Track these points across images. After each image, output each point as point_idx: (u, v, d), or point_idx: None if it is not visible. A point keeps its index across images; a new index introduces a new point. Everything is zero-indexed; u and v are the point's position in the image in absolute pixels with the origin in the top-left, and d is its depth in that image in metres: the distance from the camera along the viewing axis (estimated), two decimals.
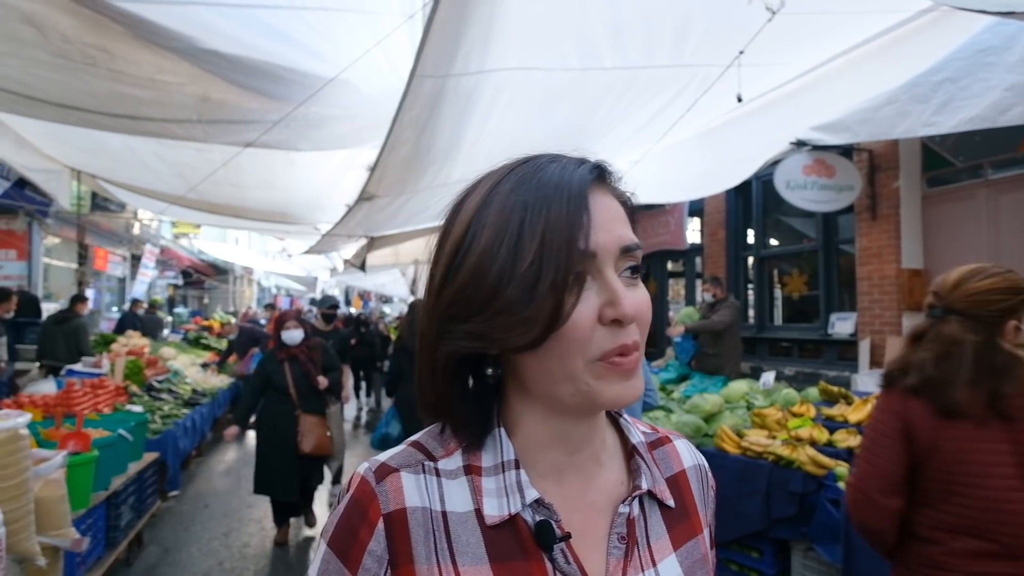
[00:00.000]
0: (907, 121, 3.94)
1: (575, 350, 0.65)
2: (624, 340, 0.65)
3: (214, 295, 24.52)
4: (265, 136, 5.61)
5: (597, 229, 0.66)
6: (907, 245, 6.06)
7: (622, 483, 0.77)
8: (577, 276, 0.65)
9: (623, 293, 0.65)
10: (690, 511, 0.82)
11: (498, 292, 0.64)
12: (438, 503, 0.69)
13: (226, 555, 4.97)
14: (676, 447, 0.87)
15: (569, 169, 0.68)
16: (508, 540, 0.68)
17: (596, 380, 0.66)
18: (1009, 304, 1.81)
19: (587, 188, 0.67)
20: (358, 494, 0.70)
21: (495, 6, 3.16)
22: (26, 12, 3.60)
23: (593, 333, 0.65)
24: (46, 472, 2.57)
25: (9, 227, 10.14)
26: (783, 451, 3.64)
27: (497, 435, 0.73)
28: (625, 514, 0.74)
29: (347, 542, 0.68)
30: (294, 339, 5.25)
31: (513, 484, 0.70)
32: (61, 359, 7.67)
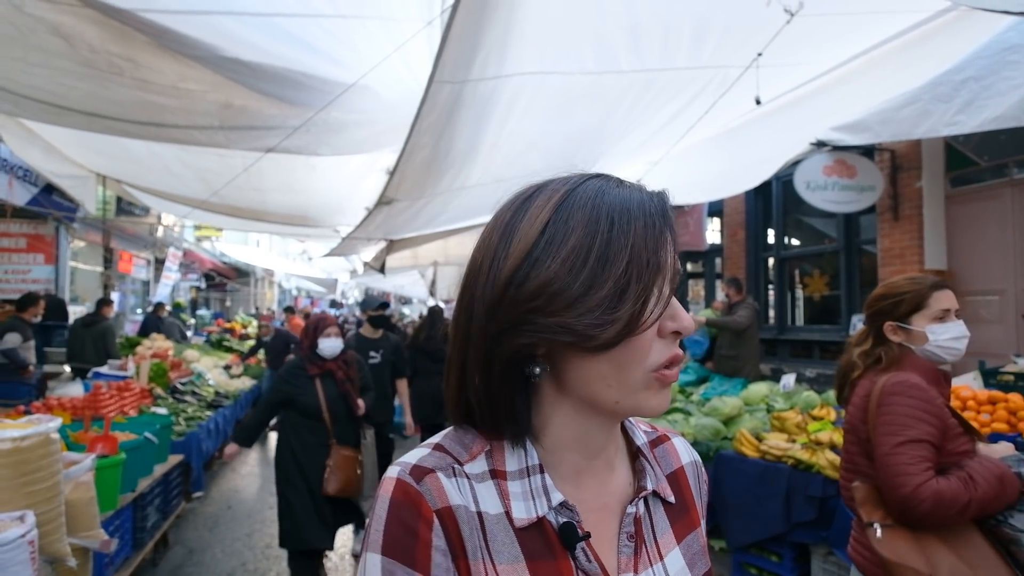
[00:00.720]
0: (930, 120, 3.90)
1: (638, 359, 0.70)
2: (677, 352, 0.72)
3: (236, 297, 24.80)
4: (286, 141, 5.68)
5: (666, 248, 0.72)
6: (930, 246, 5.99)
7: (629, 483, 0.81)
8: (658, 290, 0.70)
9: (681, 309, 0.72)
10: (689, 505, 0.86)
11: (590, 290, 0.67)
12: (473, 504, 0.71)
13: (249, 556, 5.03)
14: (674, 444, 0.91)
15: (643, 192, 0.74)
16: (537, 540, 0.71)
17: (646, 390, 0.71)
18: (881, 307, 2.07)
19: (667, 211, 0.72)
20: (399, 496, 0.68)
21: (512, 11, 3.18)
22: (55, 24, 3.69)
23: (653, 344, 0.71)
24: (76, 475, 2.63)
25: (38, 232, 10.35)
26: (802, 455, 3.62)
27: (524, 441, 0.75)
28: (632, 514, 0.78)
29: (407, 544, 0.67)
30: (334, 350, 4.20)
31: (539, 488, 0.72)
32: (89, 361, 7.83)
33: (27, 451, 2.22)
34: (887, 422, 1.88)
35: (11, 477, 2.17)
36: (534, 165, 5.37)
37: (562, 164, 0.83)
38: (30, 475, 2.22)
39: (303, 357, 4.26)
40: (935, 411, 1.87)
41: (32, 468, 2.23)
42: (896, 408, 1.88)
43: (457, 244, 11.51)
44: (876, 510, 1.92)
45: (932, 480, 1.77)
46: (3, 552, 1.88)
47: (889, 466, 1.83)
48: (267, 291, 27.35)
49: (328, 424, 4.14)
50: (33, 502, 2.20)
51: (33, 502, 2.20)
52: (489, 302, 0.71)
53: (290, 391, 4.14)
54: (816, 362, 7.43)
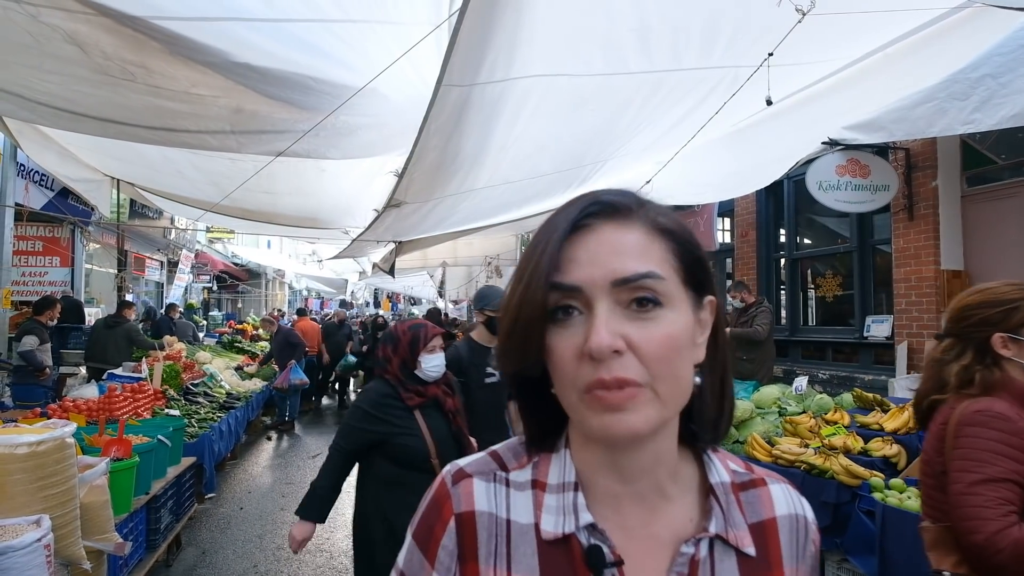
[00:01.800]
0: (945, 119, 3.86)
1: (565, 382, 0.67)
2: (600, 375, 0.64)
3: (247, 299, 24.94)
4: (296, 145, 5.70)
5: (584, 264, 0.67)
6: (946, 246, 5.92)
7: (691, 520, 0.74)
8: (567, 310, 0.67)
9: (596, 327, 0.64)
10: (772, 563, 0.75)
11: (502, 324, 0.71)
12: (504, 511, 0.74)
13: (261, 557, 5.06)
14: (771, 491, 0.80)
15: (574, 207, 0.71)
16: (561, 558, 0.70)
17: (586, 410, 0.66)
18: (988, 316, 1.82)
19: (572, 227, 0.69)
20: (436, 494, 0.78)
21: (520, 14, 3.17)
22: (70, 32, 3.72)
23: (578, 366, 0.66)
24: (91, 478, 2.66)
25: (54, 235, 10.46)
26: (816, 460, 3.57)
27: (563, 455, 0.76)
28: (689, 554, 0.70)
29: (426, 536, 0.76)
30: (439, 370, 3.02)
31: (570, 505, 0.71)
32: (110, 362, 7.92)
33: (43, 455, 2.24)
34: (964, 456, 1.69)
35: (28, 481, 2.19)
36: (543, 167, 5.36)
37: (571, 166, 0.82)
38: (46, 479, 2.25)
39: (392, 381, 2.96)
40: (1021, 444, 1.65)
41: (48, 472, 2.26)
42: (975, 441, 1.69)
43: (466, 245, 11.54)
44: (947, 556, 1.75)
45: (1014, 527, 1.56)
46: (20, 556, 1.90)
47: (963, 507, 1.65)
48: (278, 292, 27.50)
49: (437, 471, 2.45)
50: (49, 506, 2.23)
51: (49, 506, 2.23)
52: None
53: (382, 431, 2.85)
54: (829, 364, 7.37)
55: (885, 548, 3.06)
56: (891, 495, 3.18)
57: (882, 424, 3.98)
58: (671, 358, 0.67)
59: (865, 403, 4.37)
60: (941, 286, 5.85)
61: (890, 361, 6.37)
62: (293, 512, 5.91)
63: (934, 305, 5.94)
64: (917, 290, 6.11)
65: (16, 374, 7.37)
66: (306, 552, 5.18)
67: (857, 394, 4.49)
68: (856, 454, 3.66)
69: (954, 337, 1.89)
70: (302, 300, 30.59)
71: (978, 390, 1.78)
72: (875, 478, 3.34)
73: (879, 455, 3.62)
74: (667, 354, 0.66)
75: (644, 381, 0.65)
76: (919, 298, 6.09)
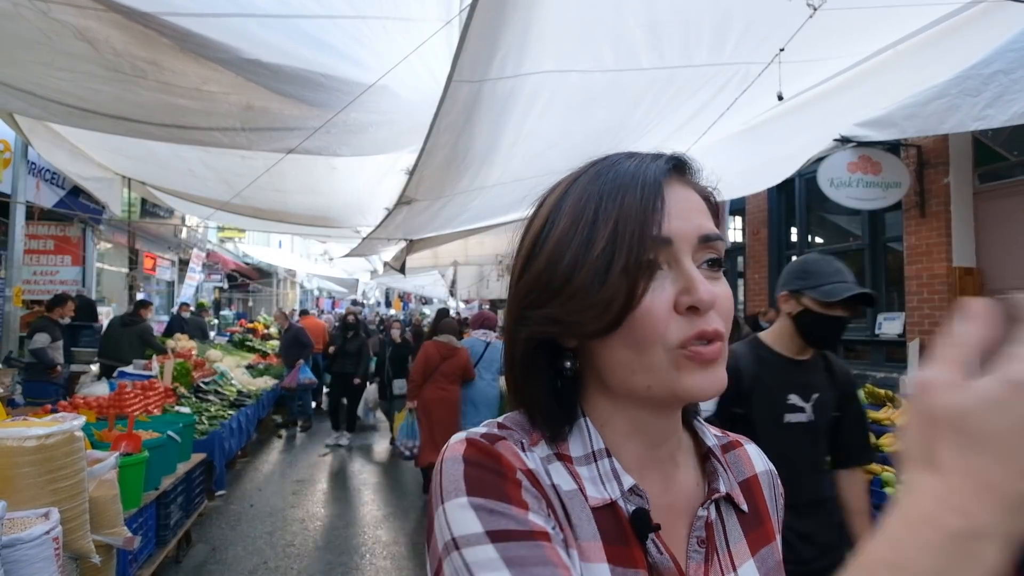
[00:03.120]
0: (957, 115, 3.83)
1: (652, 339, 0.64)
2: (703, 326, 0.64)
3: (258, 298, 25.04)
4: (306, 143, 5.71)
5: (673, 217, 0.66)
6: (958, 243, 5.87)
7: (697, 485, 0.76)
8: (651, 262, 0.64)
9: (699, 279, 0.64)
10: (763, 517, 0.80)
11: (572, 276, 0.65)
12: (546, 476, 0.66)
13: (271, 554, 5.07)
14: (747, 451, 0.85)
15: (646, 162, 0.69)
16: (614, 525, 0.67)
17: (677, 370, 0.64)
18: None
19: (663, 177, 0.68)
20: (473, 453, 0.64)
21: (531, 10, 3.16)
22: (80, 28, 3.74)
23: (669, 321, 0.64)
24: (100, 473, 2.66)
25: (65, 233, 10.53)
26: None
27: (584, 424, 0.71)
28: (704, 517, 0.72)
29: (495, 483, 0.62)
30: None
31: (608, 472, 0.69)
32: (123, 359, 7.96)
33: (52, 448, 2.25)
34: None
35: (36, 474, 2.20)
36: (554, 164, 5.34)
37: (582, 163, 0.81)
38: (55, 472, 2.25)
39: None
40: None
41: (57, 465, 2.26)
42: None
43: (477, 244, 11.52)
44: None
45: None
46: (28, 548, 1.90)
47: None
48: (289, 291, 27.59)
49: None
50: (58, 499, 2.24)
51: (58, 499, 2.24)
52: (509, 299, 0.74)
53: None
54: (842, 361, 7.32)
55: None
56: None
57: (893, 420, 3.96)
58: (732, 317, 0.69)
59: (877, 399, 4.35)
60: (953, 283, 5.80)
61: (902, 358, 6.32)
62: (302, 509, 5.94)
63: (946, 302, 5.89)
64: (929, 287, 6.06)
65: (27, 372, 7.40)
66: (316, 549, 5.20)
67: (869, 390, 4.47)
68: None
69: None
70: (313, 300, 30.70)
71: None
72: (886, 473, 3.33)
73: (890, 450, 3.61)
74: (731, 313, 0.69)
75: (724, 337, 0.66)
76: (931, 295, 6.04)
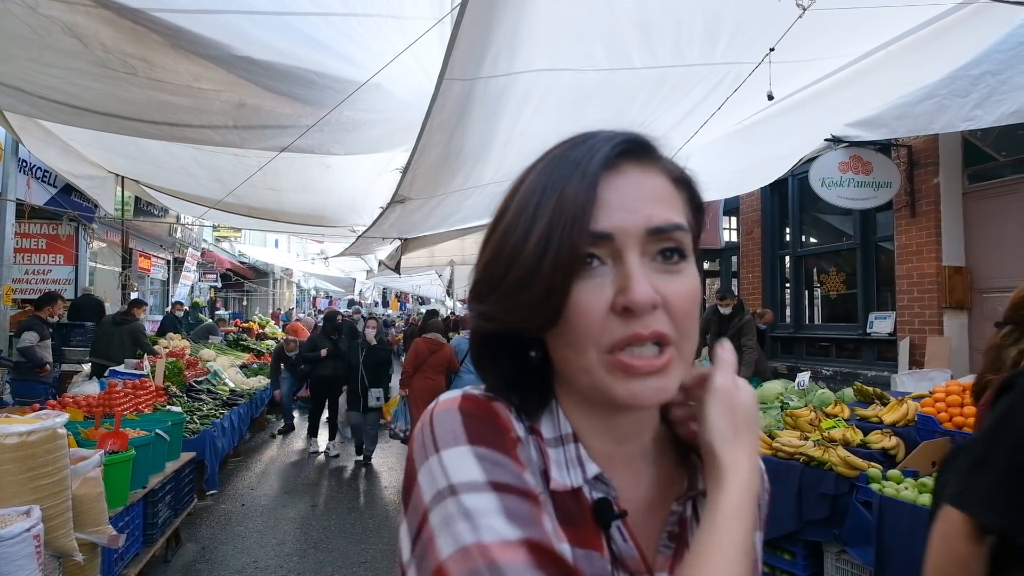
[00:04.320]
0: (946, 116, 3.86)
1: (585, 340, 0.61)
2: (638, 329, 0.59)
3: (253, 297, 24.99)
4: (300, 141, 5.70)
5: (616, 208, 0.61)
6: (948, 242, 5.91)
7: (673, 481, 0.74)
8: (584, 258, 0.61)
9: (637, 278, 0.59)
10: None
11: (508, 271, 0.62)
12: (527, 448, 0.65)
13: (261, 553, 5.05)
14: None
15: (596, 147, 0.63)
16: (575, 509, 0.65)
17: (611, 375, 0.61)
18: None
19: (605, 165, 0.62)
20: (471, 406, 0.64)
21: (522, 8, 3.16)
22: (69, 24, 3.73)
23: (605, 322, 0.60)
24: (84, 470, 2.65)
25: (56, 232, 10.48)
26: (814, 452, 3.59)
27: (554, 408, 0.69)
28: (679, 513, 0.70)
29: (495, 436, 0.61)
30: None
31: (574, 458, 0.66)
32: (115, 358, 7.91)
33: (33, 446, 2.24)
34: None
35: (17, 472, 2.18)
36: None
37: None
38: (37, 470, 2.24)
39: None
40: None
41: (39, 463, 2.25)
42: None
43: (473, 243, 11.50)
44: None
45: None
46: (7, 546, 1.89)
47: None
48: (285, 291, 27.55)
49: None
50: (40, 497, 2.22)
51: (40, 497, 2.22)
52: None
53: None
54: (833, 360, 7.34)
55: (882, 538, 3.07)
56: (888, 486, 3.21)
57: (881, 417, 3.99)
58: (693, 314, 0.64)
59: (865, 397, 4.38)
60: (943, 282, 5.83)
61: (893, 357, 6.35)
62: (294, 509, 5.91)
63: (935, 301, 5.92)
64: (919, 286, 6.09)
65: (16, 371, 7.34)
66: (308, 547, 5.18)
67: (857, 388, 4.50)
68: (855, 446, 3.69)
69: (1013, 324, 1.98)
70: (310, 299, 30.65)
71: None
72: (872, 469, 3.36)
73: (878, 447, 3.65)
74: (691, 309, 0.63)
75: (674, 339, 0.61)
76: (921, 294, 6.07)
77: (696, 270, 0.66)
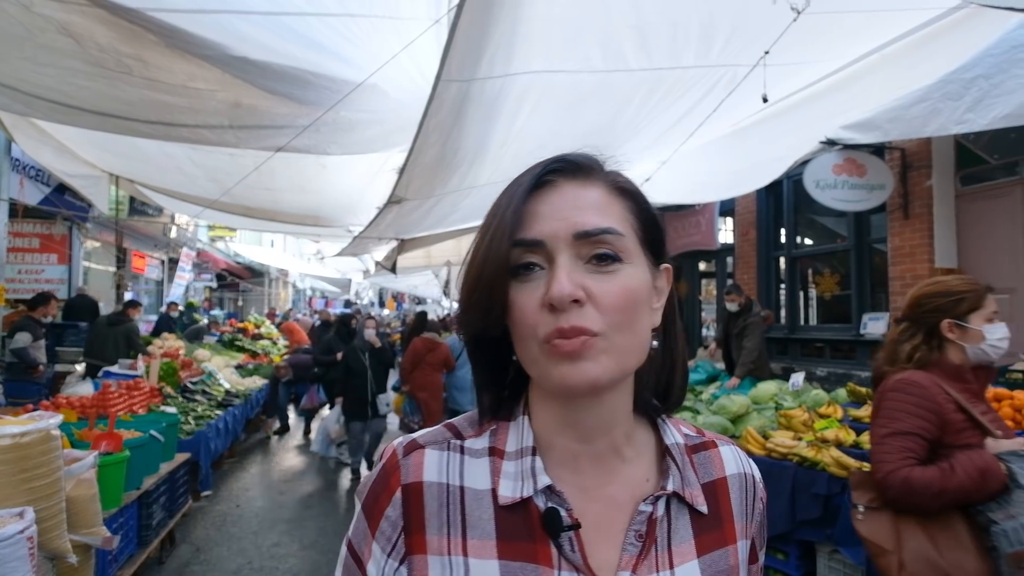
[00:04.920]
0: (939, 119, 3.87)
1: (526, 334, 0.69)
2: (560, 324, 0.66)
3: (249, 297, 24.94)
4: (295, 141, 5.70)
5: (547, 218, 0.70)
6: (940, 244, 5.94)
7: (648, 480, 0.77)
8: (531, 266, 0.69)
9: (558, 278, 0.66)
10: (724, 519, 0.80)
11: (467, 283, 0.72)
12: (458, 478, 0.74)
13: (256, 554, 5.05)
14: (721, 452, 0.84)
15: (535, 169, 0.73)
16: (519, 522, 0.71)
17: (547, 362, 0.68)
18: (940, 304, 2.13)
19: (536, 183, 0.71)
20: (387, 465, 0.76)
21: (519, 10, 3.17)
22: (63, 23, 3.71)
23: (539, 317, 0.67)
24: (78, 472, 2.64)
25: (50, 232, 10.44)
26: (807, 452, 3.61)
27: (521, 422, 0.76)
28: (647, 513, 0.73)
29: (372, 505, 0.75)
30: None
31: (528, 470, 0.72)
32: (109, 359, 7.89)
33: (27, 447, 2.23)
34: (883, 414, 2.09)
35: (11, 473, 2.18)
36: None
37: None
38: (30, 471, 2.23)
39: None
40: (931, 407, 2.00)
41: (32, 464, 2.24)
42: (891, 403, 2.07)
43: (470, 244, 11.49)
44: (865, 494, 2.11)
45: (906, 468, 1.95)
46: (1, 548, 1.88)
47: (875, 453, 2.07)
48: (281, 291, 27.49)
49: None
50: (33, 498, 2.21)
51: (33, 498, 2.21)
52: None
53: None
54: (827, 361, 7.37)
55: None
56: None
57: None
58: (629, 310, 0.69)
59: (858, 397, 4.40)
60: None
61: None
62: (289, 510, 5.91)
63: None
64: (912, 288, 6.11)
65: (9, 371, 7.32)
66: (302, 548, 5.18)
67: (851, 388, 4.53)
68: (848, 447, 3.71)
69: (909, 321, 2.21)
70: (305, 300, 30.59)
71: (913, 365, 2.12)
72: (865, 468, 3.37)
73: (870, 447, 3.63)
74: (625, 306, 0.69)
75: (602, 331, 0.67)
76: None
77: (642, 272, 0.72)
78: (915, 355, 2.12)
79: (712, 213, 9.28)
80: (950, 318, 2.10)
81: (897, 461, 1.97)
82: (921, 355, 2.12)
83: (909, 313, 2.21)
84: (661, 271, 0.77)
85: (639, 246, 0.73)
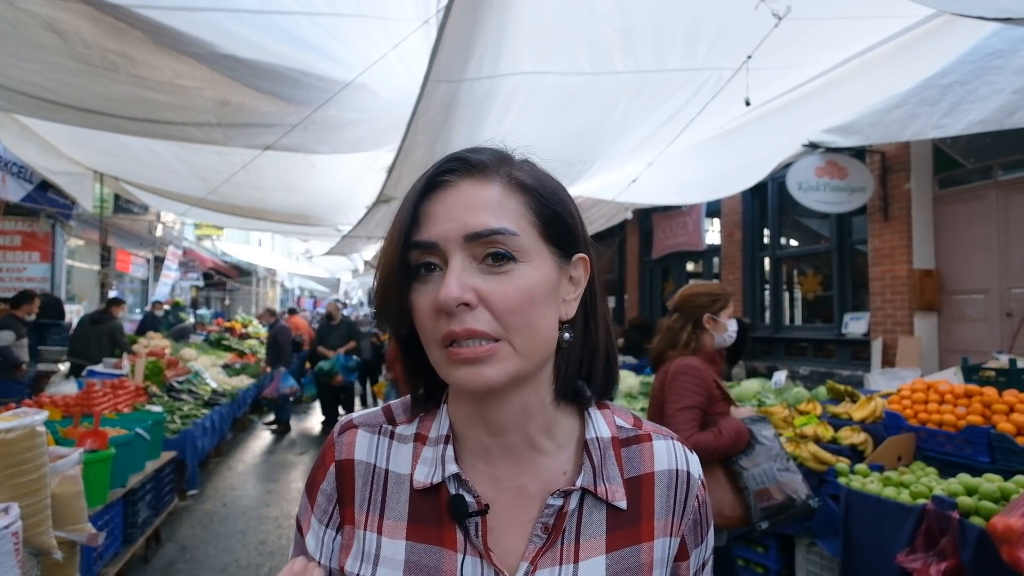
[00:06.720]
0: (917, 123, 3.95)
1: (427, 338, 0.70)
2: (451, 327, 0.66)
3: (236, 296, 24.77)
4: (284, 139, 5.70)
5: (440, 220, 0.68)
6: (918, 245, 6.04)
7: (564, 474, 0.76)
8: (430, 267, 0.69)
9: (446, 280, 0.66)
10: (643, 516, 0.77)
11: (376, 284, 0.74)
12: (384, 462, 0.79)
13: (242, 552, 5.05)
14: (654, 448, 0.80)
15: (429, 171, 0.72)
16: (431, 506, 0.75)
17: (447, 366, 0.68)
18: (703, 303, 2.77)
19: (429, 185, 0.71)
20: (326, 443, 0.83)
21: (506, 11, 3.21)
22: (48, 19, 3.71)
23: (436, 321, 0.68)
24: (63, 468, 2.64)
25: (32, 229, 10.31)
26: (787, 448, 3.66)
27: (442, 410, 0.80)
28: (556, 506, 0.73)
29: (311, 481, 0.83)
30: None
31: (440, 457, 0.75)
32: (92, 358, 7.81)
33: (12, 444, 2.23)
34: (673, 392, 2.62)
35: None
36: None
37: (560, 165, 0.82)
38: (15, 468, 2.24)
39: None
40: (705, 385, 2.63)
41: (17, 461, 2.25)
42: (681, 383, 2.62)
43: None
44: None
45: (695, 436, 2.52)
46: None
47: (670, 424, 2.53)
48: (269, 291, 27.31)
49: None
50: (18, 494, 2.22)
51: (18, 494, 2.22)
52: None
53: None
54: (809, 360, 7.46)
55: (849, 529, 3.19)
56: (855, 479, 3.32)
57: (851, 414, 4.09)
58: (525, 311, 0.68)
59: (837, 394, 4.49)
60: (914, 284, 5.96)
61: (867, 357, 6.47)
62: (276, 508, 5.90)
63: (907, 303, 6.05)
64: (891, 288, 6.22)
65: None
66: (290, 546, 5.18)
67: (830, 386, 4.61)
68: (827, 442, 3.80)
69: (680, 313, 2.81)
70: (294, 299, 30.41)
71: (691, 351, 2.73)
72: (841, 463, 3.48)
73: (847, 443, 3.76)
74: (520, 307, 0.67)
75: (496, 334, 0.67)
76: (893, 296, 6.20)
77: (542, 268, 0.70)
78: (690, 343, 2.74)
79: (699, 214, 9.36)
80: (709, 313, 2.74)
81: (688, 430, 2.53)
82: (694, 343, 2.74)
83: (681, 307, 2.81)
84: (575, 261, 0.75)
85: (539, 242, 0.71)
